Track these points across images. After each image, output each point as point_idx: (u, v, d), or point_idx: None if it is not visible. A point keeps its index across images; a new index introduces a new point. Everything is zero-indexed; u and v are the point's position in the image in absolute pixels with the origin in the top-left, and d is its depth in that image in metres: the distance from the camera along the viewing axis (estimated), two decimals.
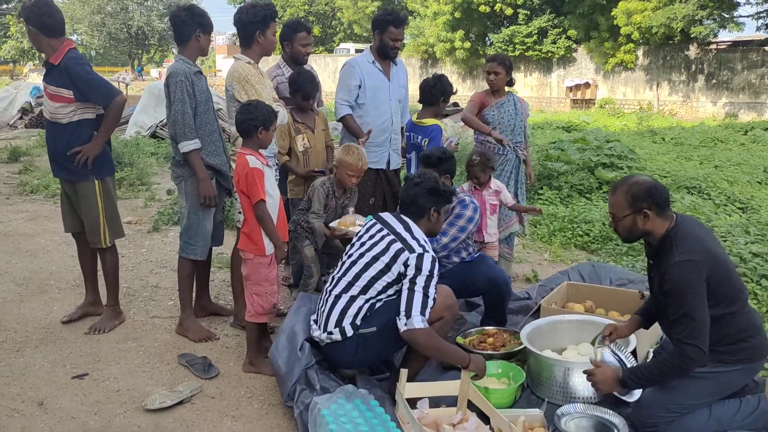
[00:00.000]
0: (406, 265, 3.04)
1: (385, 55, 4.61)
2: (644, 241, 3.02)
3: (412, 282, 3.01)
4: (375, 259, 3.12)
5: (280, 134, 4.33)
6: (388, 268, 3.09)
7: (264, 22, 3.90)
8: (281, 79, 4.67)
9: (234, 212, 4.11)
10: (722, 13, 21.78)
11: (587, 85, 25.13)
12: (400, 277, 3.07)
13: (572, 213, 6.75)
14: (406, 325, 2.96)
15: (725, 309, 2.78)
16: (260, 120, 3.46)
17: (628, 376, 2.89)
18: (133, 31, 48.16)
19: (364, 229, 3.34)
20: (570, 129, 15.56)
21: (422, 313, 2.97)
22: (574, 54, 26.17)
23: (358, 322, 3.13)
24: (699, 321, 2.70)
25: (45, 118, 3.98)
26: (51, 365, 3.64)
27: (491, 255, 4.46)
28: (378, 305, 3.15)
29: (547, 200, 7.47)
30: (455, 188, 4.08)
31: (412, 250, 3.06)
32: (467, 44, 27.59)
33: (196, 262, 4.07)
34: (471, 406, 3.05)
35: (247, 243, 3.53)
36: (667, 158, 10.95)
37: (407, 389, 3.00)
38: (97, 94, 3.79)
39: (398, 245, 3.09)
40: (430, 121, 4.63)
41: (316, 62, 32.72)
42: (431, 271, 3.03)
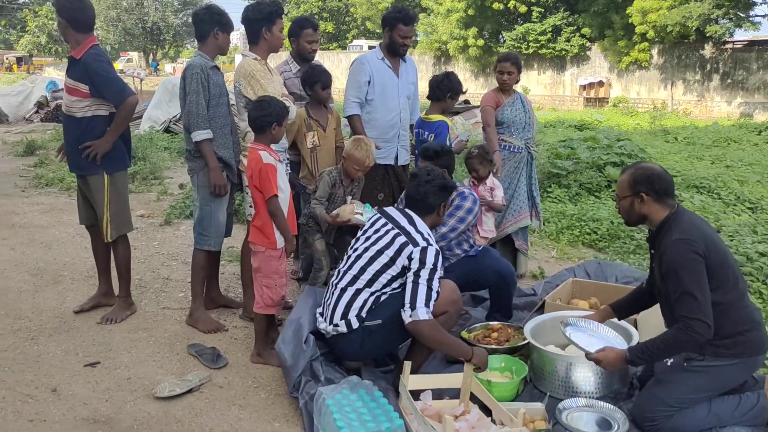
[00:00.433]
0: (410, 258, 3.09)
1: (395, 51, 4.66)
2: (648, 231, 3.09)
3: (416, 275, 3.07)
4: (380, 252, 3.19)
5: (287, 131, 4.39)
6: (392, 261, 3.15)
7: (269, 19, 3.98)
8: (288, 75, 4.73)
9: (245, 206, 4.18)
10: (738, 13, 21.56)
11: (601, 83, 24.96)
12: (405, 271, 3.13)
13: (581, 211, 6.76)
14: (411, 316, 3.02)
15: (722, 296, 2.82)
16: (273, 116, 3.53)
17: (635, 354, 2.93)
18: (148, 27, 48.43)
19: (369, 224, 3.40)
20: (582, 127, 15.49)
21: (426, 305, 3.03)
22: (587, 52, 26.00)
23: (364, 314, 3.19)
24: (700, 296, 2.75)
25: (62, 111, 4.08)
26: (64, 353, 3.73)
27: None
28: (383, 298, 3.21)
29: (555, 198, 7.48)
30: (456, 182, 4.14)
31: (416, 244, 3.12)
32: (480, 42, 27.48)
33: (209, 254, 4.15)
34: (473, 398, 3.10)
35: (259, 236, 3.59)
36: (678, 157, 10.91)
37: (410, 381, 3.06)
38: (111, 93, 3.87)
39: (402, 239, 3.15)
40: (436, 117, 4.68)
41: (329, 59, 32.75)
42: (435, 264, 3.09)
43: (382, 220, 3.33)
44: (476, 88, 27.09)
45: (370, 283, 3.20)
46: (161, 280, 4.97)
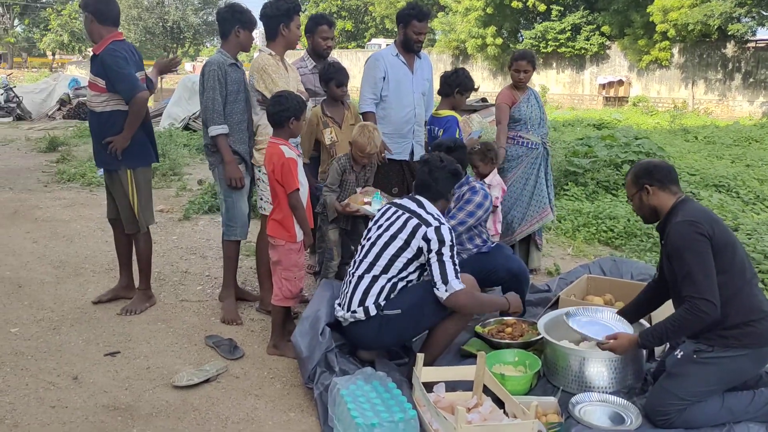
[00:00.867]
0: (426, 239, 3.16)
1: (409, 48, 4.69)
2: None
3: (439, 254, 3.16)
4: (393, 237, 3.25)
5: (307, 134, 4.47)
6: (407, 244, 3.21)
7: (287, 15, 4.05)
8: (304, 71, 4.77)
9: (257, 201, 4.26)
10: (761, 11, 21.27)
11: (620, 82, 24.75)
12: (420, 252, 3.20)
13: (597, 209, 6.74)
14: (447, 290, 3.12)
15: (729, 280, 2.82)
16: (292, 111, 3.58)
17: (646, 338, 2.99)
18: (168, 26, 48.80)
19: (380, 213, 3.45)
20: (601, 126, 15.38)
21: (457, 277, 3.14)
22: (607, 51, 25.79)
23: (382, 301, 3.25)
24: (705, 275, 2.78)
25: (87, 107, 4.18)
26: (85, 343, 3.81)
27: None
28: (400, 285, 3.27)
29: (572, 196, 7.46)
30: (469, 177, 4.17)
31: (428, 224, 3.20)
32: (499, 40, 27.38)
33: (238, 244, 4.28)
34: (486, 391, 3.12)
35: (279, 230, 3.64)
36: (698, 156, 10.82)
37: (424, 373, 3.09)
38: (121, 88, 3.94)
39: (415, 221, 3.23)
40: (445, 113, 4.72)
41: (348, 57, 32.82)
42: (452, 240, 3.19)
43: (393, 209, 3.40)
44: (494, 87, 26.99)
45: (386, 268, 3.26)
46: (180, 274, 5.04)
